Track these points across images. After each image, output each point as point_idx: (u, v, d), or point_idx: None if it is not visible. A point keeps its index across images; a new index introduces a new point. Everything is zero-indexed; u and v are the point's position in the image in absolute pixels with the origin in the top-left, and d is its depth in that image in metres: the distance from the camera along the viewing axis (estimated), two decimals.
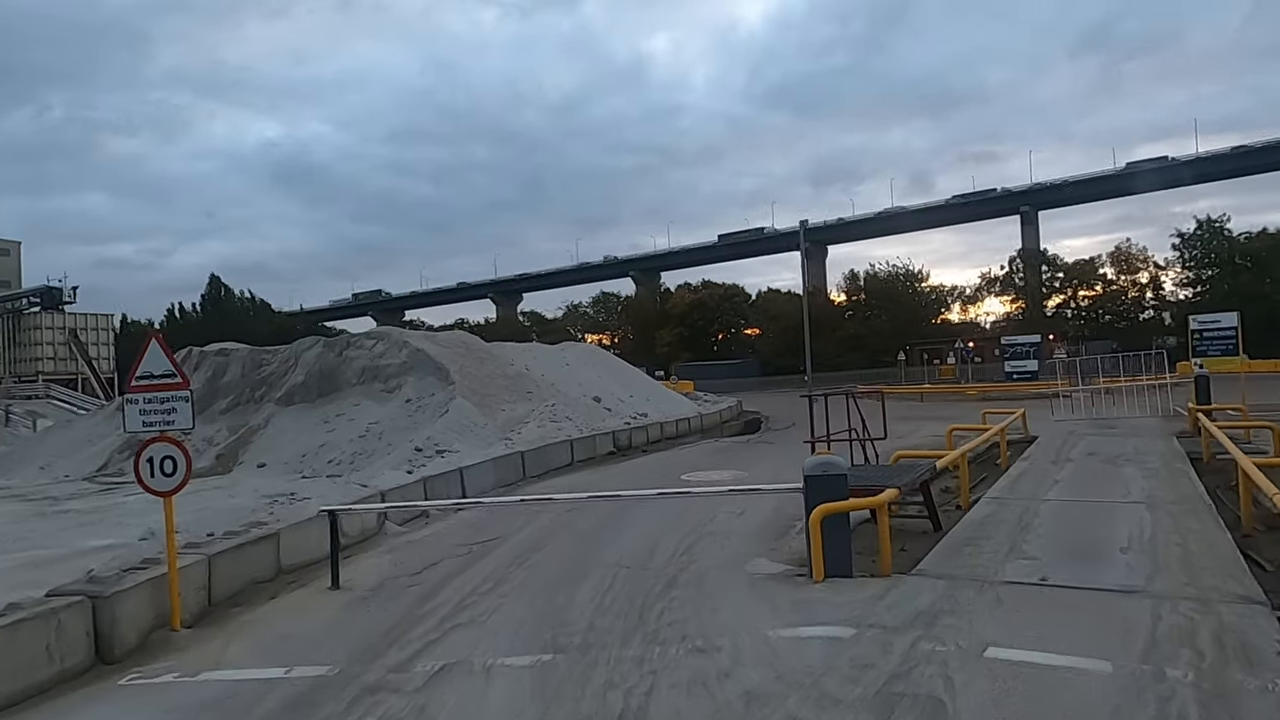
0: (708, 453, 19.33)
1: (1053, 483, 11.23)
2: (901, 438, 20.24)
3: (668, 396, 31.36)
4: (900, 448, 17.75)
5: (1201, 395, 16.81)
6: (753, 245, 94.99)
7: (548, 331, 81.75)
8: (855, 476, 8.09)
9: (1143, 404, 20.38)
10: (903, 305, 60.79)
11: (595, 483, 14.76)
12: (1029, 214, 77.73)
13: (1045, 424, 19.02)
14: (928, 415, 26.93)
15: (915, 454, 11.76)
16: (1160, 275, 57.58)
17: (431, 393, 20.26)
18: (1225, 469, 12.40)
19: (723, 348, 69.42)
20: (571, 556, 8.75)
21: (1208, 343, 18.51)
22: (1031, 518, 9.00)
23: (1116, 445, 14.72)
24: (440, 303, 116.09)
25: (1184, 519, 8.46)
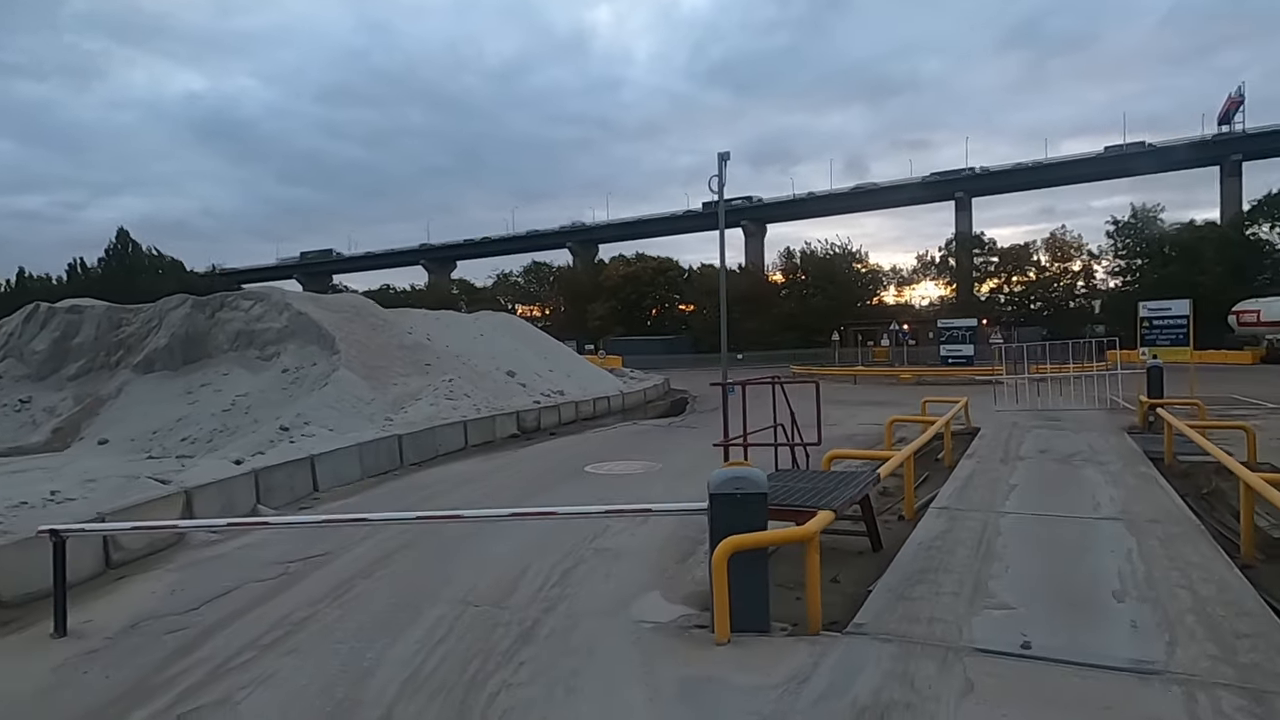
0: (623, 437, 17.40)
1: (1008, 488, 9.61)
2: (835, 425, 18.69)
3: (591, 372, 29.32)
4: (835, 439, 16.20)
5: (1154, 388, 15.57)
6: (692, 221, 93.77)
7: (477, 301, 78.73)
8: (780, 491, 6.22)
9: (1082, 395, 19.22)
10: (840, 285, 59.93)
11: (483, 472, 12.69)
12: (964, 200, 78.32)
13: (987, 414, 17.68)
14: (862, 399, 25.57)
15: (853, 454, 10.06)
16: (1093, 263, 57.98)
17: (313, 362, 17.80)
18: (1192, 473, 11.08)
19: (657, 323, 67.59)
20: (413, 584, 6.68)
21: (1157, 331, 17.36)
22: (992, 537, 7.30)
23: (1067, 441, 13.31)
24: (369, 268, 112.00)
25: (1176, 545, 6.85)
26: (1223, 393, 22.33)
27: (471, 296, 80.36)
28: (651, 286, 66.80)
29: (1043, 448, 12.71)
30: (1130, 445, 12.75)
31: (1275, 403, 20.04)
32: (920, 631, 5.08)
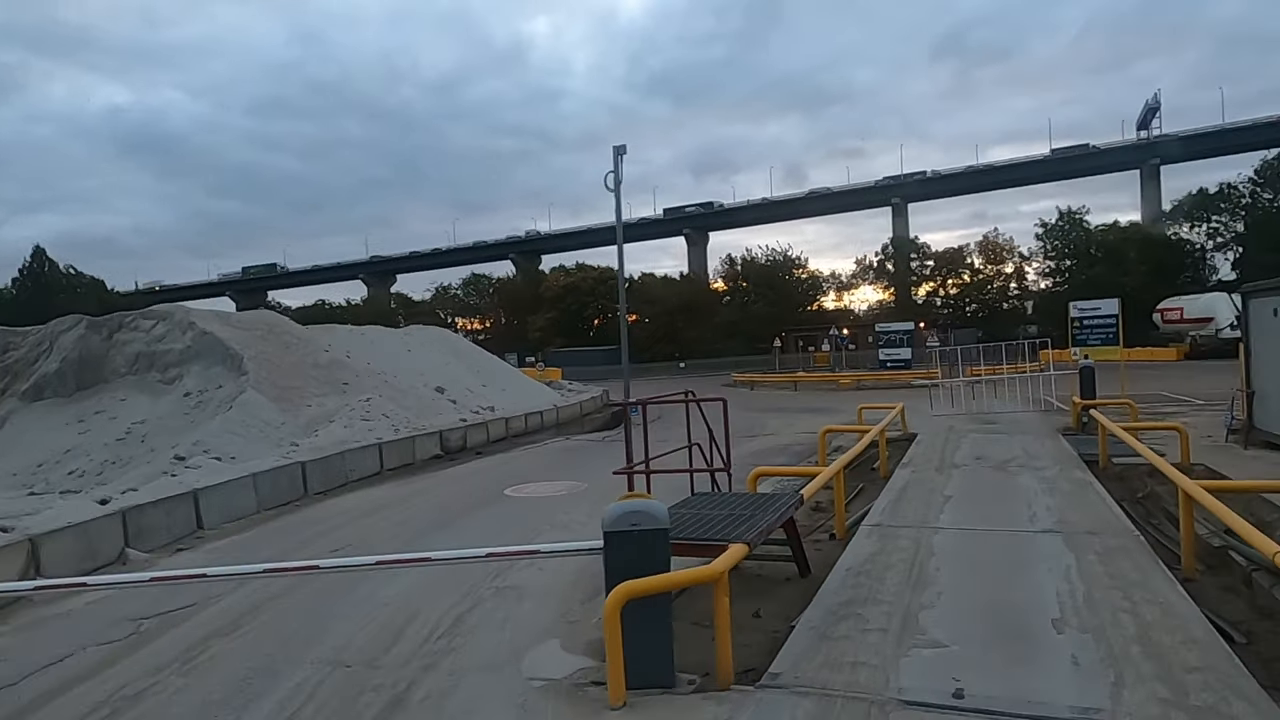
0: (553, 454, 16.65)
1: (943, 500, 9.17)
2: (772, 435, 18.27)
3: (527, 386, 28.49)
4: (771, 449, 15.76)
5: (1086, 388, 15.48)
6: (637, 229, 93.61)
7: (415, 314, 76.91)
8: (689, 522, 5.58)
9: (1017, 396, 19.12)
10: (780, 292, 60.07)
11: (395, 499, 11.82)
12: (899, 206, 79.76)
13: (924, 418, 17.42)
14: (802, 406, 25.30)
15: (780, 471, 9.51)
16: (1024, 265, 59.29)
17: (218, 385, 16.63)
18: (1126, 476, 10.84)
19: (599, 334, 66.76)
20: (280, 641, 5.85)
21: (1088, 331, 17.35)
22: (925, 559, 6.78)
23: (1003, 446, 13.02)
24: (312, 282, 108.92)
25: (1116, 561, 6.42)
26: (1152, 390, 22.61)
27: (409, 310, 78.43)
28: (592, 296, 65.93)
29: (978, 454, 12.38)
30: (1065, 448, 12.50)
31: (1202, 399, 20.29)
32: (842, 681, 4.48)
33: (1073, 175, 74.49)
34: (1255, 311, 12.01)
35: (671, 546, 4.92)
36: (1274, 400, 11.27)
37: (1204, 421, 15.55)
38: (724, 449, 7.85)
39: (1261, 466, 9.91)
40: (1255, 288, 12.10)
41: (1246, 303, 12.32)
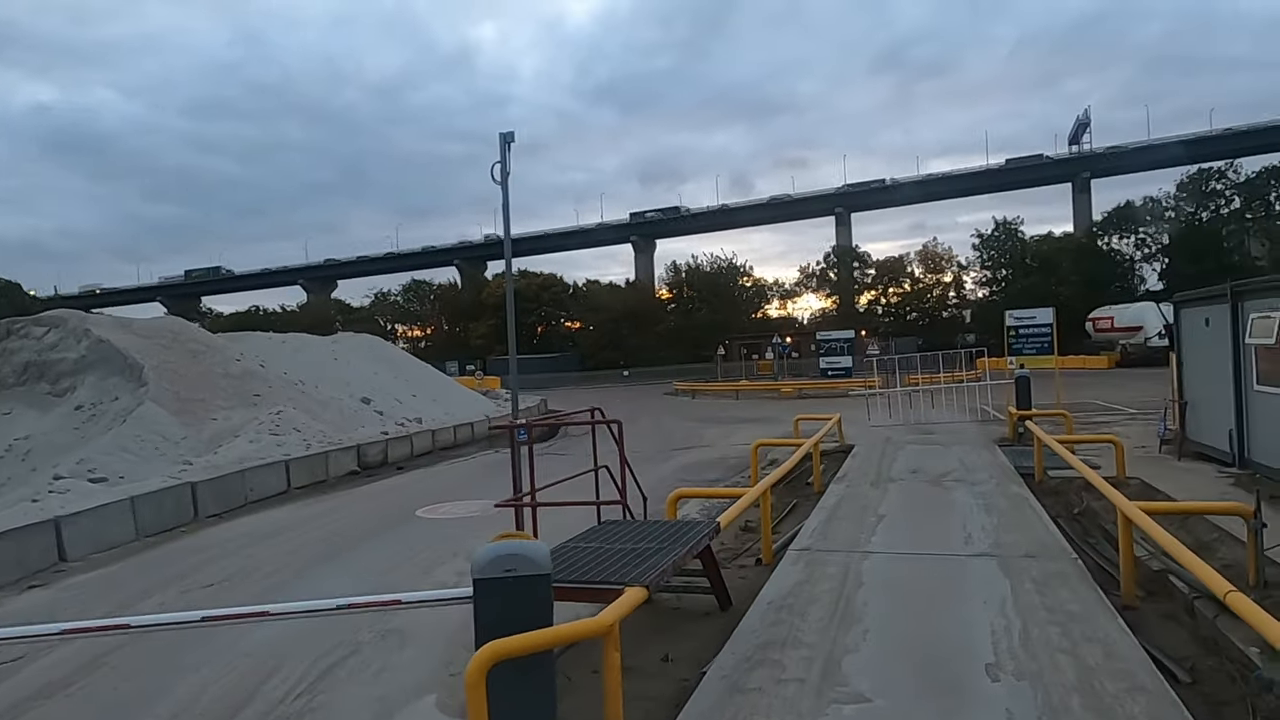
0: (478, 469, 15.83)
1: (876, 519, 8.69)
2: (708, 446, 17.74)
3: (461, 396, 27.54)
4: (706, 463, 15.21)
5: (1022, 399, 15.32)
6: (583, 236, 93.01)
7: (354, 321, 74.76)
8: (585, 558, 4.93)
9: (954, 405, 18.98)
10: (725, 299, 59.96)
11: (295, 522, 10.90)
12: (843, 215, 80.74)
13: (862, 428, 17.11)
14: (742, 416, 24.89)
15: (701, 493, 8.91)
16: (962, 275, 60.32)
17: (114, 396, 15.41)
18: (1062, 490, 10.56)
19: (543, 341, 65.81)
20: (114, 701, 5.01)
21: (1024, 340, 17.27)
22: (854, 590, 6.24)
23: (940, 458, 12.69)
24: (246, 288, 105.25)
25: (1053, 589, 5.96)
26: (1086, 398, 22.85)
27: (348, 317, 76.28)
28: (536, 303, 64.90)
29: (914, 467, 12.01)
30: (1002, 461, 12.21)
31: (1134, 407, 20.47)
32: None
33: (1008, 188, 76.41)
34: (1187, 321, 11.90)
35: (558, 591, 4.27)
36: (1205, 411, 11.13)
37: (1137, 431, 15.54)
38: (622, 477, 7.17)
39: (1196, 480, 9.69)
40: (1186, 298, 12.00)
41: (1178, 313, 12.22)
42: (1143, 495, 9.46)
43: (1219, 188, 49.44)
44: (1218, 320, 10.19)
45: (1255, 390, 9.34)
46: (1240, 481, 9.21)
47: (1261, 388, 9.16)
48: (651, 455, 16.47)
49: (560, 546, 5.43)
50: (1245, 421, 9.66)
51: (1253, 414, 9.53)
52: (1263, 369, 9.14)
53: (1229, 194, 49.40)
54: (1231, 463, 9.99)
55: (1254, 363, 9.34)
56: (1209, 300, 10.74)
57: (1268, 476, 9.04)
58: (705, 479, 12.97)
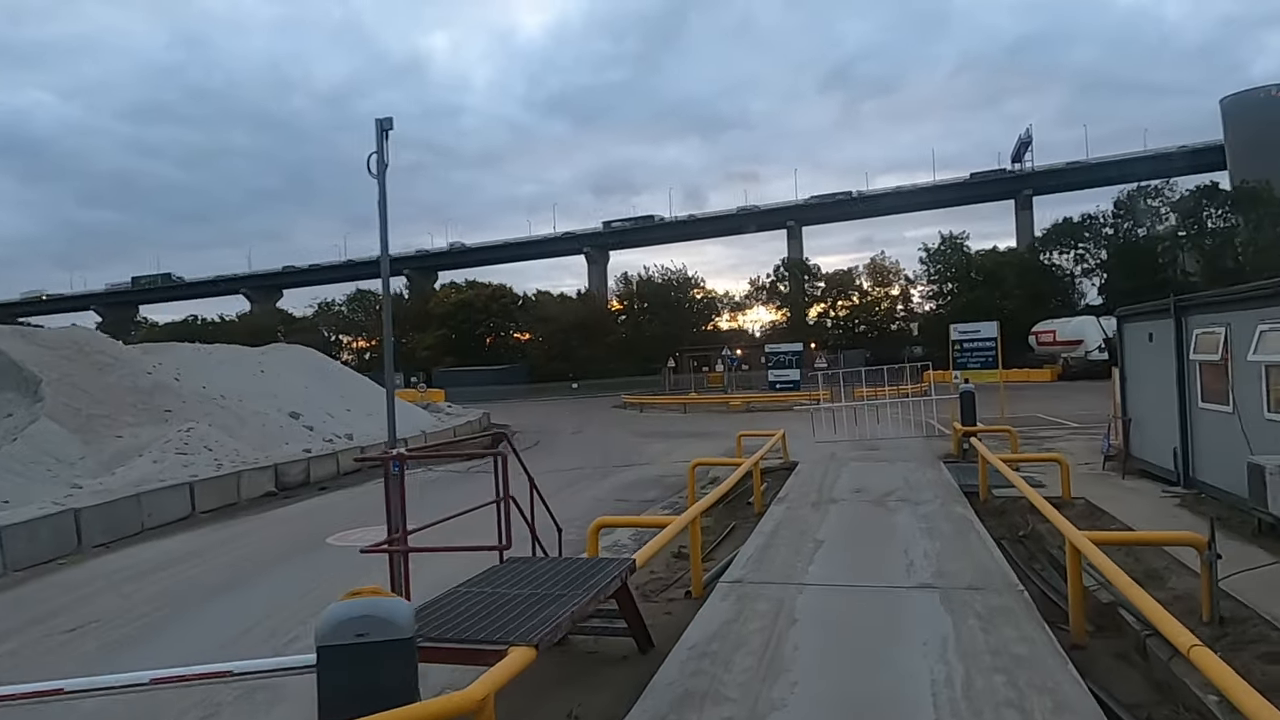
0: (407, 489, 14.96)
1: (814, 545, 8.18)
2: (648, 464, 17.15)
3: (399, 410, 26.50)
4: (646, 481, 14.58)
5: (967, 414, 15.07)
6: (536, 247, 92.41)
7: (296, 331, 72.70)
8: (476, 607, 4.27)
9: (900, 420, 18.67)
10: (675, 311, 59.59)
11: (192, 552, 10.01)
12: (794, 229, 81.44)
13: (807, 443, 16.71)
14: (688, 430, 24.38)
15: (624, 522, 8.31)
16: (909, 288, 60.98)
17: (7, 413, 14.25)
18: (1008, 510, 10.21)
19: (492, 352, 64.61)
20: None
21: (968, 354, 17.08)
22: (785, 630, 5.69)
23: (884, 476, 12.29)
24: (193, 296, 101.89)
25: (998, 627, 5.49)
26: (1029, 411, 22.86)
27: (290, 327, 74.06)
28: (485, 314, 63.72)
29: (858, 485, 11.58)
30: (946, 479, 11.85)
31: (1076, 420, 20.50)
32: None
33: (954, 204, 78.01)
34: (1130, 336, 11.72)
35: (428, 653, 3.61)
36: (1149, 428, 10.91)
37: (1080, 447, 15.41)
38: (531, 509, 6.51)
39: (1142, 501, 9.41)
40: (1130, 312, 11.82)
41: (1121, 327, 12.03)
42: (1089, 517, 9.14)
43: (1154, 205, 50.82)
44: (1161, 335, 9.97)
45: (1200, 408, 9.10)
46: (1186, 502, 8.93)
47: (1206, 405, 8.91)
48: (590, 473, 15.84)
49: (448, 594, 4.76)
50: (1190, 440, 9.41)
51: (1197, 432, 9.28)
52: (1207, 386, 8.90)
53: (1164, 211, 50.80)
54: (1176, 481, 9.74)
55: (1198, 379, 9.10)
56: (1152, 315, 10.54)
57: (1213, 497, 8.78)
58: (643, 499, 12.37)
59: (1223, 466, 8.50)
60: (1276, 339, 7.18)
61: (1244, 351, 7.79)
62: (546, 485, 14.52)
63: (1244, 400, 7.97)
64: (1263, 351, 7.44)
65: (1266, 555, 6.58)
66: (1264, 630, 5.16)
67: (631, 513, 11.13)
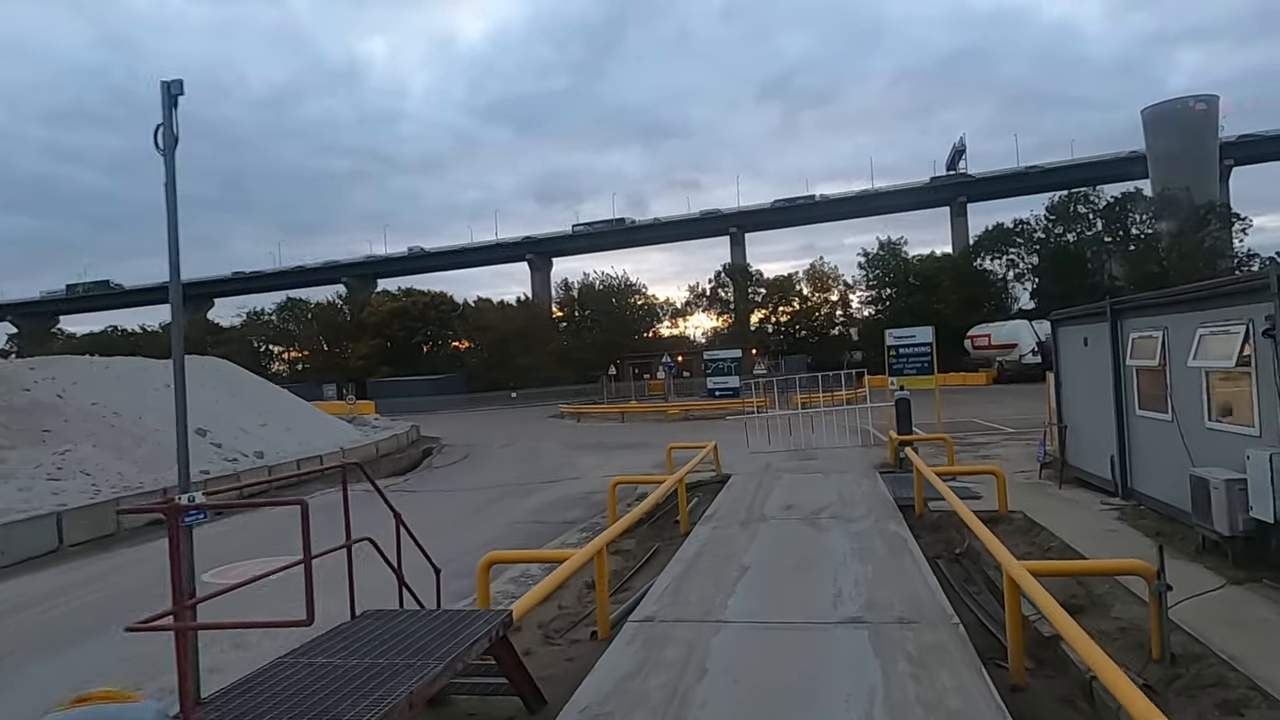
0: (315, 511, 13.86)
1: (738, 573, 7.49)
2: (578, 478, 16.33)
3: (320, 425, 25.18)
4: (570, 499, 13.73)
5: (902, 422, 14.65)
6: (479, 254, 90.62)
7: (223, 342, 69.73)
8: (295, 683, 3.42)
9: (837, 428, 18.19)
10: (616, 318, 58.84)
11: (44, 593, 8.89)
12: (737, 235, 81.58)
13: (742, 454, 16.11)
14: (624, 441, 23.62)
15: (519, 557, 7.48)
16: (849, 294, 61.41)
17: None
18: (943, 525, 9.68)
19: (430, 362, 62.89)
20: None
21: (904, 360, 16.71)
22: (693, 683, 4.95)
23: (818, 490, 11.71)
24: (106, 307, 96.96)
25: (931, 672, 4.84)
26: (965, 416, 22.75)
27: (217, 338, 71.05)
28: (422, 322, 61.95)
29: (790, 501, 10.96)
30: (882, 491, 11.33)
31: (1011, 425, 20.37)
32: None
33: (891, 210, 79.09)
34: (1064, 341, 11.38)
35: None
36: (1085, 435, 10.55)
37: (1016, 453, 15.13)
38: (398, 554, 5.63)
39: (1080, 514, 8.97)
40: (1064, 315, 11.48)
41: (1055, 331, 11.70)
42: (1026, 533, 8.66)
43: (1082, 211, 52.05)
44: (1097, 340, 9.59)
45: (1138, 415, 8.71)
46: (1126, 515, 8.51)
47: (1144, 412, 8.52)
48: (513, 491, 14.97)
49: (258, 673, 3.90)
50: (1127, 448, 9.03)
51: (1135, 440, 8.90)
52: (1145, 392, 8.50)
53: (1091, 218, 52.08)
54: (1115, 492, 9.36)
55: (1136, 386, 8.71)
56: (1087, 318, 10.18)
57: (1153, 509, 8.38)
58: (563, 521, 11.56)
59: (1162, 477, 8.10)
60: (1217, 343, 6.76)
61: (1183, 356, 7.37)
62: (464, 505, 13.71)
63: (1183, 408, 7.56)
64: (1203, 357, 7.02)
65: (1213, 577, 6.11)
66: (1220, 671, 4.61)
67: (549, 537, 10.32)
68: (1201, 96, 69.26)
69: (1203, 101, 68.48)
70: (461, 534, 11.13)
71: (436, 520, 12.52)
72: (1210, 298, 7.01)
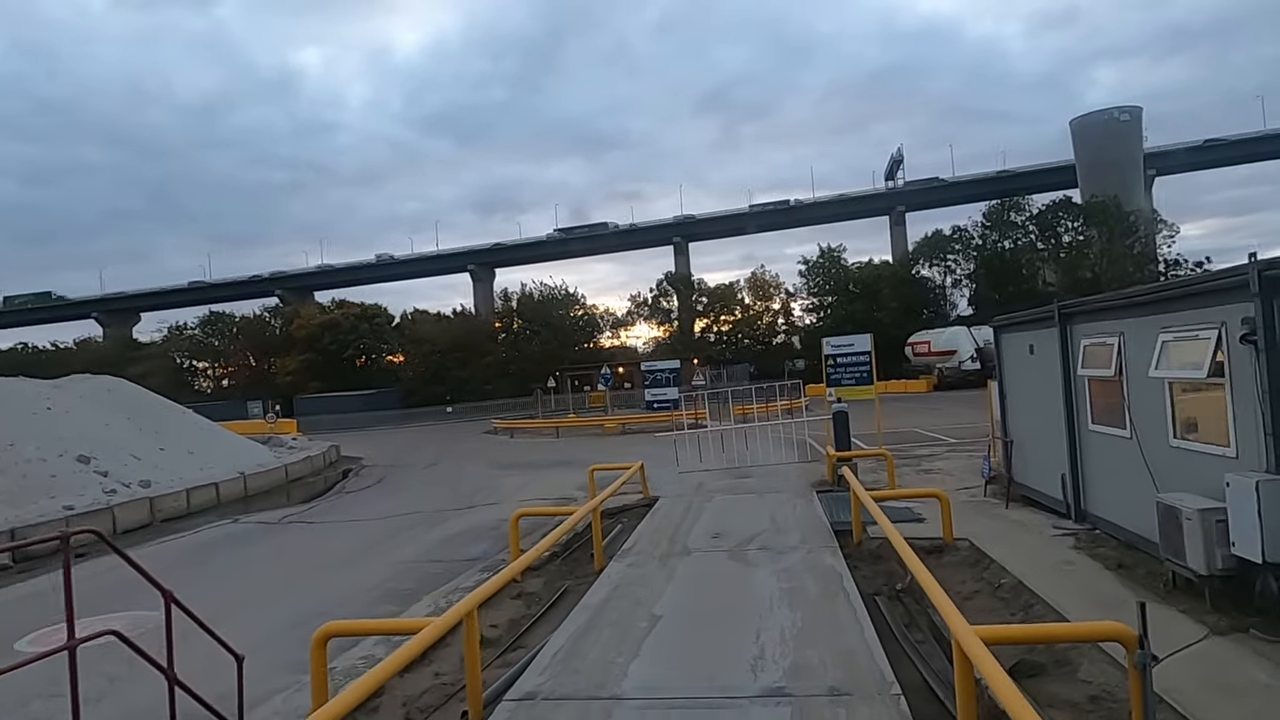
0: (186, 552, 12.35)
1: (647, 625, 6.40)
2: (496, 504, 15.05)
3: (228, 447, 23.34)
4: (478, 530, 12.39)
5: (840, 437, 13.77)
6: (419, 265, 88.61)
7: (143, 359, 66.30)
8: None
9: (777, 439, 17.23)
10: (556, 329, 57.45)
11: None
12: (681, 245, 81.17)
13: (674, 470, 15.08)
14: (555, 458, 22.35)
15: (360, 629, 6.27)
16: (790, 302, 61.18)
17: None
18: (883, 554, 8.73)
19: (363, 376, 60.47)
20: None
21: (842, 370, 15.88)
22: None
23: (750, 514, 10.73)
24: (30, 322, 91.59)
25: None
26: (906, 426, 22.10)
27: (136, 354, 67.42)
28: (354, 335, 59.49)
29: (718, 529, 9.93)
30: (818, 515, 10.38)
31: (954, 436, 19.75)
32: None
33: (829, 220, 79.59)
34: (1007, 348, 10.61)
35: None
36: (1033, 450, 9.76)
37: (960, 466, 14.39)
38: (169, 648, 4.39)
39: (1032, 541, 8.10)
40: (1008, 321, 10.71)
41: (998, 337, 10.94)
42: (974, 565, 7.75)
43: (1016, 219, 52.68)
44: (1044, 347, 8.80)
45: (1091, 430, 7.90)
46: (1082, 542, 7.67)
47: (1098, 427, 7.71)
48: (422, 520, 13.64)
49: None
50: (1080, 467, 8.21)
51: (1088, 458, 8.09)
52: (1099, 405, 7.70)
53: (1025, 224, 52.75)
54: (1066, 513, 8.54)
55: (1088, 398, 7.90)
56: (1033, 324, 9.39)
57: (1110, 534, 7.55)
58: (465, 557, 10.31)
59: (1121, 499, 7.27)
60: (1184, 350, 5.93)
61: (1143, 366, 6.55)
62: (361, 539, 12.29)
63: (1143, 423, 6.73)
64: (1166, 366, 6.19)
65: (1191, 626, 5.22)
66: None
67: (444, 578, 9.07)
68: (1126, 108, 71.43)
69: (1127, 113, 70.65)
70: (343, 576, 9.83)
71: (323, 558, 11.17)
72: (1175, 299, 6.19)
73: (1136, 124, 69.58)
